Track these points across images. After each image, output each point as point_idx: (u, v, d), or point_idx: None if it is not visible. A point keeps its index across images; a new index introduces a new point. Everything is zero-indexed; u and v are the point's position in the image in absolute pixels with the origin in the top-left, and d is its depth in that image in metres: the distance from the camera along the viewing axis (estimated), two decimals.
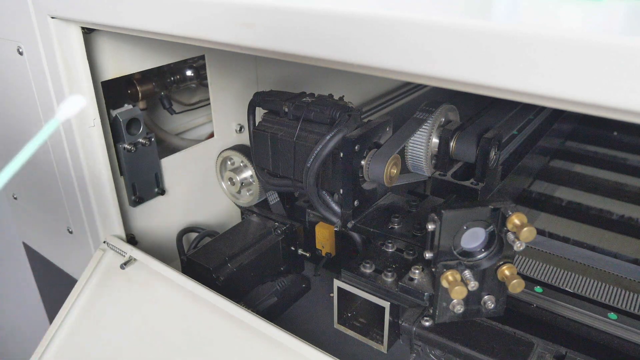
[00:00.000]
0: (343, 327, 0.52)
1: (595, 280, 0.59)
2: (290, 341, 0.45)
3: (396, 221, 0.54)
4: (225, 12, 0.31)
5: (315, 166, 0.53)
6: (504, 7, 0.27)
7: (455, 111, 0.65)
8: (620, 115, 0.21)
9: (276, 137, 0.57)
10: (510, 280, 0.42)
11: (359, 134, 0.52)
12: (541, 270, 0.61)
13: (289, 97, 0.58)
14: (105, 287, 0.57)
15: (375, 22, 0.26)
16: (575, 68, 0.21)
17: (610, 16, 0.26)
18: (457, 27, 0.23)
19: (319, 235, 0.64)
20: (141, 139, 0.63)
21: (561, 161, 0.99)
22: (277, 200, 0.69)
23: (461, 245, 0.44)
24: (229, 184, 0.69)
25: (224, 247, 0.63)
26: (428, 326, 0.48)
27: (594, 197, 0.85)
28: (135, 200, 0.65)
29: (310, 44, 0.29)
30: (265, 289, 0.64)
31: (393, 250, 0.52)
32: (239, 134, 0.76)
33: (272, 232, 0.65)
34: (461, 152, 0.61)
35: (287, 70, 0.81)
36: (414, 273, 0.47)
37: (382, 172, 0.53)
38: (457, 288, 0.42)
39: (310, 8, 0.28)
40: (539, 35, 0.21)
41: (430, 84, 0.26)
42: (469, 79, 0.24)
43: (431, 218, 0.43)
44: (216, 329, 0.49)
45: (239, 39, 0.32)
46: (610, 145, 1.01)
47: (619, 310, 0.53)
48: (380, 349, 0.50)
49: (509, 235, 0.41)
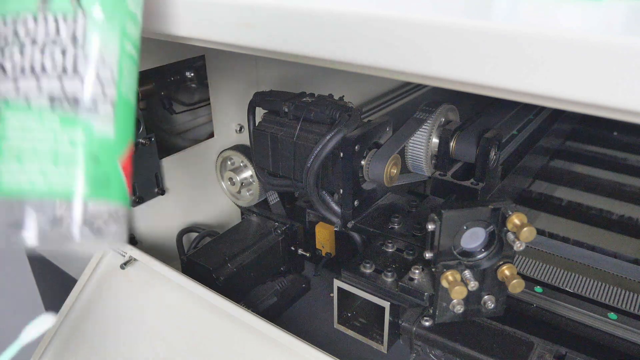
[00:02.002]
0: (343, 327, 0.52)
1: (595, 280, 0.59)
2: (290, 341, 0.45)
3: (396, 221, 0.54)
4: (225, 12, 0.31)
5: (315, 166, 0.53)
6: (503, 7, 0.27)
7: (455, 111, 0.65)
8: (620, 115, 0.21)
9: (276, 137, 0.57)
10: (510, 280, 0.42)
11: (359, 134, 0.52)
12: (541, 270, 0.61)
13: (289, 97, 0.58)
14: (105, 287, 0.57)
15: (375, 22, 0.26)
16: (575, 68, 0.21)
17: (610, 16, 0.26)
18: (457, 26, 0.23)
19: (319, 235, 0.64)
20: (141, 139, 0.63)
21: (561, 161, 0.99)
22: (277, 200, 0.69)
23: (461, 245, 0.44)
24: (229, 184, 0.69)
25: (224, 247, 0.63)
26: (428, 326, 0.48)
27: (594, 197, 0.85)
28: (135, 200, 0.65)
29: (310, 44, 0.29)
30: (265, 289, 0.64)
31: (393, 250, 0.52)
32: (239, 134, 0.76)
33: (272, 232, 0.65)
34: (461, 152, 0.61)
35: (287, 70, 0.81)
36: (414, 273, 0.47)
37: (382, 172, 0.53)
38: (457, 288, 0.42)
39: (310, 8, 0.28)
40: (538, 35, 0.21)
41: (430, 84, 0.26)
42: (468, 79, 0.24)
43: (431, 218, 0.43)
44: (216, 329, 0.49)
45: (239, 39, 0.32)
46: (610, 145, 1.01)
47: (619, 310, 0.53)
48: (380, 349, 0.50)
49: (509, 235, 0.41)
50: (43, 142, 0.23)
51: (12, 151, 0.23)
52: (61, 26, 0.23)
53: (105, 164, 0.24)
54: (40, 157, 0.23)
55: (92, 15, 0.23)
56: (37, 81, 0.23)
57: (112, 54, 0.25)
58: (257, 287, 0.64)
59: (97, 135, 0.24)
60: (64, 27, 0.23)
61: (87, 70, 0.24)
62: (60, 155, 0.23)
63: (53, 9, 0.23)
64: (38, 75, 0.23)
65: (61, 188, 0.23)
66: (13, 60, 0.23)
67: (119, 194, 0.26)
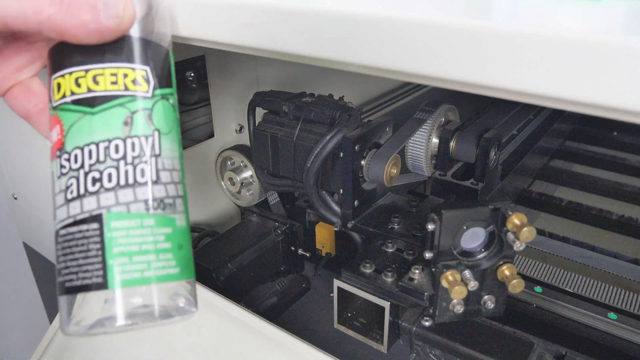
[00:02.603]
0: (343, 327, 0.52)
1: (595, 280, 0.59)
2: (290, 341, 0.45)
3: (396, 221, 0.54)
4: (225, 12, 0.31)
5: (315, 166, 0.53)
6: (503, 7, 0.27)
7: (455, 111, 0.65)
8: (620, 115, 0.21)
9: (276, 137, 0.57)
10: (510, 280, 0.42)
11: (359, 134, 0.52)
12: (541, 270, 0.61)
13: (289, 97, 0.58)
14: None
15: (375, 22, 0.26)
16: (575, 68, 0.21)
17: (610, 16, 0.26)
18: (457, 27, 0.23)
19: (319, 235, 0.64)
20: None
21: (561, 161, 0.99)
22: (277, 200, 0.69)
23: (461, 245, 0.44)
24: (229, 184, 0.69)
25: (224, 247, 0.63)
26: (428, 326, 0.48)
27: (594, 197, 0.85)
28: None
29: (310, 44, 0.29)
30: (265, 289, 0.64)
31: (393, 250, 0.52)
32: (239, 134, 0.76)
33: (272, 232, 0.65)
34: (461, 152, 0.61)
35: (287, 70, 0.81)
36: (414, 273, 0.47)
37: (382, 172, 0.53)
38: (457, 288, 0.42)
39: (311, 8, 0.28)
40: (538, 35, 0.21)
41: (430, 84, 0.26)
42: (468, 79, 0.24)
43: (431, 218, 0.43)
44: (216, 329, 0.49)
45: (239, 39, 0.32)
46: (610, 145, 1.01)
47: (619, 310, 0.53)
48: (380, 349, 0.50)
49: (509, 235, 0.41)
50: (145, 239, 0.28)
51: (120, 250, 0.28)
52: (144, 145, 0.29)
53: (186, 248, 0.30)
54: (143, 252, 0.28)
55: (162, 133, 0.29)
56: (133, 191, 0.28)
57: (177, 159, 0.31)
58: (257, 287, 0.64)
59: (178, 227, 0.30)
60: (146, 145, 0.29)
61: (166, 177, 0.30)
62: (158, 248, 0.29)
63: (137, 133, 0.28)
64: (132, 185, 0.28)
65: (161, 273, 0.29)
66: (110, 177, 0.28)
67: (193, 271, 0.31)
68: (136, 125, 0.29)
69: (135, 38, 0.29)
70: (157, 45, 0.30)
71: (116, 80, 0.28)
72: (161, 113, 0.30)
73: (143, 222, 0.28)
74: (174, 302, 0.29)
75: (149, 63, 0.30)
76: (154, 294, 0.28)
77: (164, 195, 0.29)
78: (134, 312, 0.28)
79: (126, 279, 0.28)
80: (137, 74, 0.29)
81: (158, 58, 0.30)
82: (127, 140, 0.28)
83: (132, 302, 0.28)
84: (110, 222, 0.28)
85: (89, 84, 0.28)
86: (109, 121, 0.28)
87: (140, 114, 0.29)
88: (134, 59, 0.29)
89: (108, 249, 0.28)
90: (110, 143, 0.28)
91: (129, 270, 0.28)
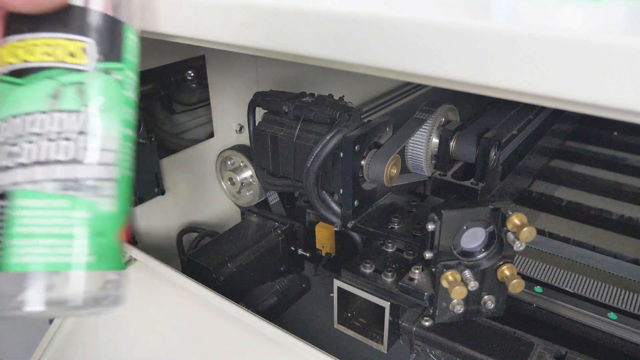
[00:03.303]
0: (343, 327, 0.52)
1: (595, 280, 0.59)
2: (290, 341, 0.45)
3: (396, 221, 0.54)
4: (225, 12, 0.31)
5: (315, 166, 0.53)
6: (504, 7, 0.27)
7: (455, 111, 0.65)
8: (620, 115, 0.21)
9: (276, 137, 0.57)
10: (510, 280, 0.42)
11: (359, 134, 0.52)
12: (541, 270, 0.61)
13: (289, 97, 0.58)
14: None
15: (375, 22, 0.26)
16: (575, 68, 0.21)
17: (610, 16, 0.26)
18: (457, 27, 0.23)
19: (319, 235, 0.64)
20: (141, 139, 0.63)
21: (561, 161, 0.99)
22: (277, 200, 0.69)
23: (461, 245, 0.44)
24: (229, 184, 0.69)
25: (224, 247, 0.63)
26: (428, 326, 0.48)
27: (594, 197, 0.86)
28: (135, 200, 0.65)
29: (310, 44, 0.29)
30: (265, 289, 0.64)
31: (393, 250, 0.52)
32: (239, 134, 0.76)
33: (272, 232, 0.65)
34: (461, 152, 0.61)
35: (287, 70, 0.81)
36: (414, 273, 0.47)
37: (382, 172, 0.53)
38: (457, 288, 0.42)
39: (310, 8, 0.28)
40: (538, 35, 0.21)
41: (430, 84, 0.26)
42: (469, 79, 0.24)
43: (431, 218, 0.43)
44: (216, 329, 0.49)
45: (239, 39, 0.32)
46: (610, 145, 1.01)
47: (619, 310, 0.53)
48: (380, 349, 0.50)
49: (509, 235, 0.41)
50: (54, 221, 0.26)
51: (24, 231, 0.26)
52: (69, 120, 0.27)
53: (108, 236, 0.28)
54: (50, 235, 0.26)
55: (95, 109, 0.27)
56: (48, 168, 0.26)
57: (113, 140, 0.28)
58: (257, 287, 0.64)
59: (101, 212, 0.28)
60: (72, 121, 0.27)
61: (92, 157, 0.27)
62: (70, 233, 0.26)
63: (63, 107, 0.27)
64: (48, 163, 0.26)
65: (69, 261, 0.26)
66: (27, 153, 0.26)
67: (118, 263, 0.29)
68: (63, 99, 0.27)
69: (78, 8, 0.27)
70: (105, 17, 0.28)
71: (51, 52, 0.27)
72: (99, 88, 0.28)
73: (53, 203, 0.26)
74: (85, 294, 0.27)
75: (90, 35, 0.28)
76: (56, 281, 0.26)
77: (85, 176, 0.27)
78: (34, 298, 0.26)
79: (23, 262, 0.26)
80: (75, 45, 0.27)
81: (106, 30, 0.28)
82: (51, 115, 0.26)
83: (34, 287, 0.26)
84: (17, 199, 0.26)
85: (24, 55, 0.27)
86: (35, 93, 0.26)
87: (70, 87, 0.27)
88: (73, 29, 0.27)
89: (9, 228, 0.26)
90: (31, 116, 0.26)
91: (28, 254, 0.26)
